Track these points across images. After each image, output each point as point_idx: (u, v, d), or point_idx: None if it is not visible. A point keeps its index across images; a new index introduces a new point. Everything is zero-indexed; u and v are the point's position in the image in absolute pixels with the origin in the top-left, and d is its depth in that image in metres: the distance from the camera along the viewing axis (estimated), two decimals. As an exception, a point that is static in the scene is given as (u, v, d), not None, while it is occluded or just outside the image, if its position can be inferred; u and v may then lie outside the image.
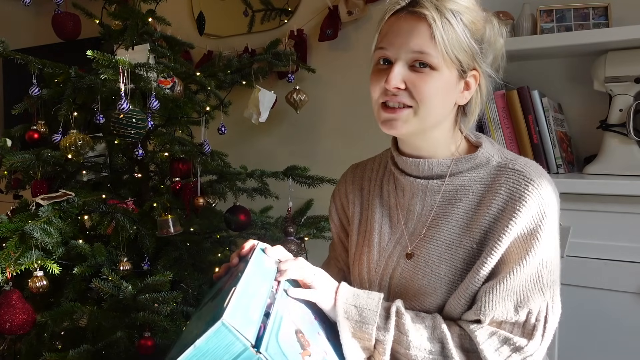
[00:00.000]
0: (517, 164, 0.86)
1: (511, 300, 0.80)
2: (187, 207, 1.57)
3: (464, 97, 0.87)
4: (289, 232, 1.67)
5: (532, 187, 0.82)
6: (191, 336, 0.59)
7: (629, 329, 1.37)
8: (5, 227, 1.21)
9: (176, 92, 1.52)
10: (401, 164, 0.94)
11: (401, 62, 0.82)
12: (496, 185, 0.85)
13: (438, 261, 0.87)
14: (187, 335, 0.64)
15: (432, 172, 0.90)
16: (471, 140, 0.94)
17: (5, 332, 1.19)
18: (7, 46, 1.42)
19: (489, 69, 0.87)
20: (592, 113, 1.64)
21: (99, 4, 1.64)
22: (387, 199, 0.98)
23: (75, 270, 1.34)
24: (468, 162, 0.88)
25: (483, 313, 0.81)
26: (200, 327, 0.60)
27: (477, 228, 0.85)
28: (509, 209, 0.82)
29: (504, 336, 0.81)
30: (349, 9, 1.94)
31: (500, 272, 0.82)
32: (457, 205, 0.88)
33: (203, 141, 1.61)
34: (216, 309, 0.62)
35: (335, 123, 2.08)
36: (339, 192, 1.08)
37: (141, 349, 1.30)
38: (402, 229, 0.94)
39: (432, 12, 0.79)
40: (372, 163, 1.06)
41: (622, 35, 1.39)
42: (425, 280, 0.88)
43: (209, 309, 0.69)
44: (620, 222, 1.39)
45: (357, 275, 0.99)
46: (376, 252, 0.96)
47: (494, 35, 0.87)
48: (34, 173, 1.50)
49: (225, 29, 2.28)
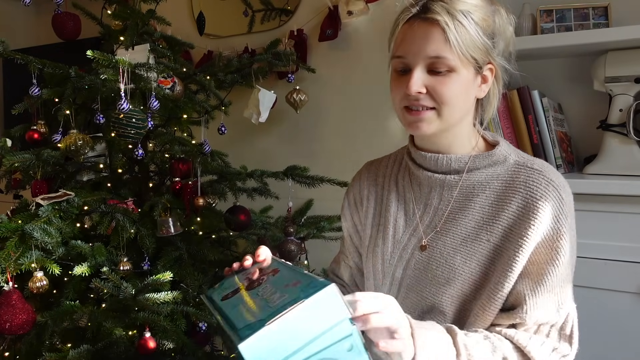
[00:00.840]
0: (535, 164, 0.88)
1: (553, 302, 0.83)
2: (187, 207, 1.57)
3: (482, 90, 0.89)
4: (289, 232, 1.67)
5: (553, 187, 0.84)
6: (265, 310, 0.58)
7: (629, 329, 1.37)
8: (5, 227, 1.21)
9: (176, 92, 1.52)
10: (419, 159, 0.95)
11: (419, 67, 0.84)
12: (516, 183, 0.86)
13: (453, 253, 0.88)
14: (242, 315, 0.62)
15: (450, 168, 0.91)
16: (488, 140, 0.96)
17: (5, 332, 1.19)
18: (7, 46, 1.42)
19: (503, 61, 0.89)
20: (592, 113, 1.64)
21: (99, 4, 1.64)
22: (403, 193, 0.99)
23: (75, 270, 1.34)
24: (486, 159, 0.90)
25: (528, 317, 0.82)
26: (283, 298, 0.58)
27: (496, 223, 0.86)
28: (532, 208, 0.83)
29: (545, 334, 0.84)
30: (349, 9, 1.94)
31: (531, 273, 0.83)
32: (474, 200, 0.89)
33: (203, 141, 1.61)
34: (305, 281, 0.61)
35: (335, 123, 2.08)
36: (353, 188, 1.10)
37: (141, 349, 1.30)
38: (418, 222, 0.95)
39: (444, 16, 0.80)
40: (387, 160, 1.08)
41: (622, 35, 1.39)
42: (439, 271, 0.89)
43: (264, 292, 0.66)
44: (620, 222, 1.39)
45: (370, 268, 1.00)
46: (390, 245, 0.97)
47: (503, 25, 0.88)
48: (34, 173, 1.50)
49: (225, 29, 2.28)
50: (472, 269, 0.87)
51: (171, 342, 1.34)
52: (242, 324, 0.57)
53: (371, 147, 1.97)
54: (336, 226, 1.86)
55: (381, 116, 1.96)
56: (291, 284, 0.62)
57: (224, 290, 0.79)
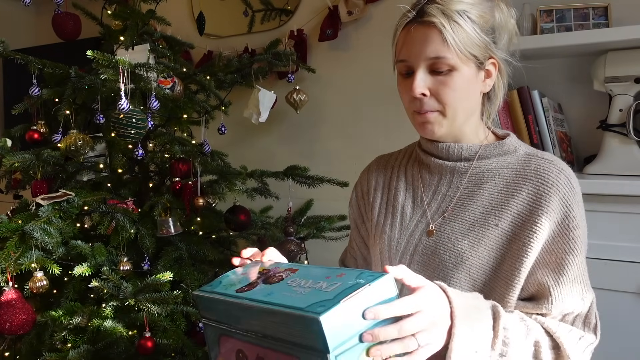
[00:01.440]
0: (545, 155, 0.90)
1: (577, 291, 0.85)
2: (187, 207, 1.57)
3: (487, 84, 0.91)
4: (289, 232, 1.67)
5: (565, 175, 0.86)
6: (322, 294, 0.63)
7: (629, 329, 1.37)
8: (5, 227, 1.21)
9: (176, 92, 1.53)
10: (431, 148, 0.97)
11: (421, 69, 0.86)
12: (527, 171, 0.88)
13: (461, 237, 0.89)
14: (294, 299, 0.66)
15: (461, 156, 0.93)
16: (498, 134, 0.98)
17: (5, 332, 1.19)
18: (7, 46, 1.42)
19: (505, 54, 0.91)
20: (592, 113, 1.64)
21: (99, 4, 1.64)
22: (411, 182, 1.01)
23: (75, 270, 1.34)
24: (496, 149, 0.92)
25: (554, 307, 0.84)
26: (337, 285, 0.64)
27: (505, 209, 0.87)
28: (544, 196, 0.84)
29: (570, 323, 0.86)
30: (349, 9, 1.94)
31: (551, 263, 0.84)
32: (483, 187, 0.91)
33: (203, 141, 1.61)
34: (352, 272, 0.68)
35: (335, 123, 2.08)
36: (361, 179, 1.12)
37: (141, 349, 1.30)
38: (425, 208, 0.96)
39: (440, 18, 0.83)
40: (397, 153, 1.10)
41: (622, 35, 1.39)
42: (446, 256, 0.90)
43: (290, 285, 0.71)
44: (620, 222, 1.39)
45: (378, 255, 1.01)
46: (398, 231, 0.98)
47: (504, 19, 0.90)
48: (34, 173, 1.50)
49: (225, 29, 2.28)
50: (480, 254, 0.87)
51: (171, 342, 1.34)
52: (305, 304, 0.61)
53: (371, 147, 1.97)
54: (336, 226, 1.86)
55: (381, 116, 1.96)
56: (335, 275, 0.68)
57: (231, 286, 0.79)
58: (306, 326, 0.60)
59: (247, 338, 0.73)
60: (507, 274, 0.86)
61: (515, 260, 0.85)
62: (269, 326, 0.68)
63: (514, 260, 0.85)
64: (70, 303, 1.34)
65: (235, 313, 0.74)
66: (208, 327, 0.82)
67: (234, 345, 0.76)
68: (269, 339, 0.68)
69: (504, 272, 0.86)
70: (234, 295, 0.75)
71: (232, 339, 0.77)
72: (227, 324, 0.77)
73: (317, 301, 0.62)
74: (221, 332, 0.79)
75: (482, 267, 0.87)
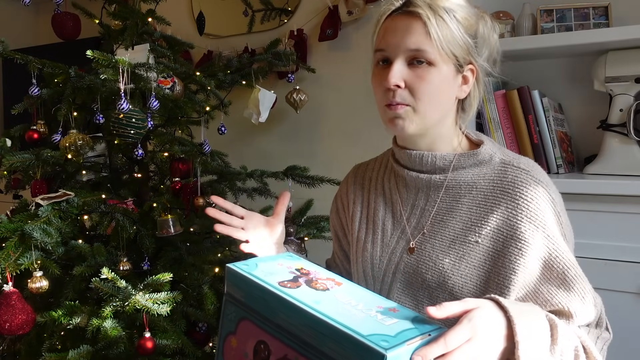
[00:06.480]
0: (521, 163, 0.87)
1: (589, 300, 0.83)
2: (187, 207, 1.57)
3: (463, 90, 0.89)
4: (289, 232, 1.67)
5: (542, 187, 0.84)
6: (378, 326, 0.65)
7: (629, 329, 1.37)
8: (5, 227, 1.21)
9: (176, 92, 1.52)
10: (403, 158, 0.94)
11: (400, 60, 0.84)
12: (504, 183, 0.86)
13: (442, 255, 0.87)
14: (347, 318, 0.66)
15: (435, 166, 0.91)
16: (472, 139, 0.95)
17: (5, 332, 1.18)
18: (7, 46, 1.42)
19: (485, 63, 0.90)
20: (592, 113, 1.64)
21: (99, 4, 1.64)
22: (390, 196, 0.99)
23: (75, 270, 1.33)
24: (471, 158, 0.90)
25: (574, 322, 0.82)
26: (394, 323, 0.67)
27: (484, 225, 0.85)
28: (524, 211, 0.82)
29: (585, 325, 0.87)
30: (349, 9, 1.94)
31: (553, 279, 0.82)
32: (461, 201, 0.89)
33: (203, 141, 1.61)
34: (405, 311, 0.71)
35: (335, 123, 2.08)
36: (340, 192, 1.10)
37: (141, 349, 1.30)
38: (405, 224, 0.94)
39: (426, 10, 0.82)
40: (373, 163, 1.08)
41: (622, 35, 1.39)
42: (428, 275, 0.88)
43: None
44: (620, 222, 1.38)
45: (361, 273, 0.99)
46: (379, 248, 0.96)
47: (487, 31, 0.89)
48: (33, 173, 1.50)
49: (225, 29, 2.28)
50: (462, 273, 0.85)
51: (171, 342, 1.34)
52: (365, 332, 0.63)
53: (371, 147, 1.96)
54: (336, 226, 1.85)
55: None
56: (387, 308, 0.72)
57: (271, 275, 0.77)
58: (364, 354, 0.61)
59: (278, 335, 0.71)
60: (494, 292, 0.83)
61: (503, 278, 0.83)
62: (313, 335, 0.67)
63: (502, 278, 0.83)
64: (70, 303, 1.34)
65: (273, 305, 0.72)
66: (230, 304, 0.80)
67: (256, 334, 0.75)
68: (308, 346, 0.67)
69: (491, 290, 0.84)
70: (277, 287, 0.73)
71: (255, 327, 0.75)
72: (255, 310, 0.75)
73: (378, 333, 0.63)
74: (244, 315, 0.77)
75: (466, 285, 0.85)
